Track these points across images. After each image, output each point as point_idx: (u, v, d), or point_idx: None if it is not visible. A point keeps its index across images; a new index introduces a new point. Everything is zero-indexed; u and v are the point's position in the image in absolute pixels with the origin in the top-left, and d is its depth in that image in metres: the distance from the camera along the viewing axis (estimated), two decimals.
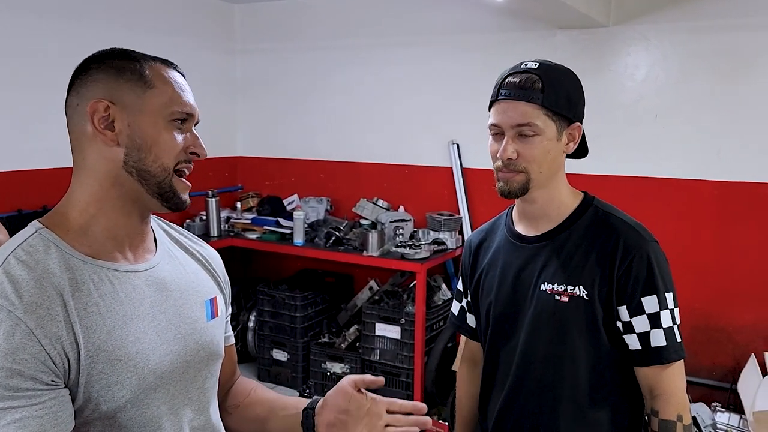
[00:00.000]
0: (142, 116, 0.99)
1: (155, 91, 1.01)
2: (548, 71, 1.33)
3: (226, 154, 4.64)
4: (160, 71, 1.03)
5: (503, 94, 1.33)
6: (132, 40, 3.90)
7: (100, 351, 0.92)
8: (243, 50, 4.58)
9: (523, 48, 3.56)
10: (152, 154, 1.00)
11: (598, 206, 1.39)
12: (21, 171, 3.30)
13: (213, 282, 1.18)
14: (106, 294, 0.96)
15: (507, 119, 1.31)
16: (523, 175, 1.32)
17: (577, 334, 1.33)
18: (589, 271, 1.32)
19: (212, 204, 3.99)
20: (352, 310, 4.05)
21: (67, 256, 0.95)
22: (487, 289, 1.48)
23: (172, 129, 1.02)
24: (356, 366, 3.81)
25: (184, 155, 1.03)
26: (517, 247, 1.44)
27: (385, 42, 4.06)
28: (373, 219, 3.98)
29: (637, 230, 1.34)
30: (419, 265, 3.49)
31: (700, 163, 3.28)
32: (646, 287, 1.29)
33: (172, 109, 1.01)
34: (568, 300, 1.33)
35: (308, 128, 4.41)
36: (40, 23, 3.28)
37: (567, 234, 1.37)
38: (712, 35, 3.17)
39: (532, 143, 1.30)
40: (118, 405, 0.95)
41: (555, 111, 1.30)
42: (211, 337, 1.12)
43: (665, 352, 1.29)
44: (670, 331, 1.29)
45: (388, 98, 4.09)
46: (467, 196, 3.87)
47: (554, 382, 1.36)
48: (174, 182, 1.02)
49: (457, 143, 3.87)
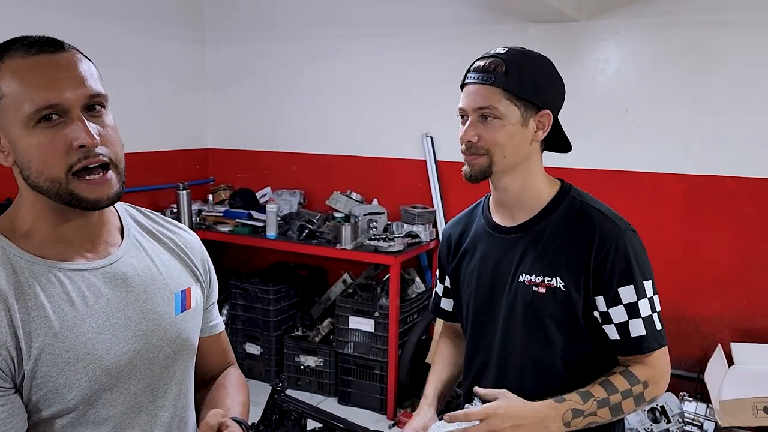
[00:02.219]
0: (10, 131, 0.91)
1: (6, 101, 0.90)
2: (515, 56, 1.32)
3: (197, 146, 4.57)
4: (12, 68, 0.90)
5: (469, 78, 1.35)
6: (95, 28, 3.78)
7: (43, 354, 0.90)
8: (213, 40, 4.51)
9: (496, 41, 3.51)
10: (33, 171, 0.91)
11: (574, 196, 1.38)
12: None
13: (187, 272, 1.14)
14: (55, 295, 0.94)
15: (470, 102, 1.33)
16: (486, 158, 1.32)
17: (554, 324, 1.33)
18: (565, 261, 1.32)
19: (183, 196, 3.93)
20: (326, 304, 4.04)
21: (14, 259, 0.93)
22: (467, 279, 1.48)
23: (42, 133, 0.89)
24: (330, 359, 3.80)
25: (75, 154, 0.90)
26: (494, 237, 1.43)
27: (357, 33, 4.03)
28: (347, 212, 3.97)
29: (612, 220, 1.33)
30: (393, 258, 3.49)
31: (669, 156, 3.33)
32: (622, 278, 1.28)
33: (25, 113, 0.88)
34: (545, 291, 1.32)
35: (281, 120, 4.37)
36: (5, 10, 3.19)
37: (544, 224, 1.36)
38: (680, 30, 3.22)
39: (493, 126, 1.30)
40: (68, 406, 0.93)
41: (518, 95, 1.29)
42: (179, 331, 1.09)
43: (645, 341, 1.29)
44: (649, 319, 1.29)
45: (361, 90, 4.07)
46: (441, 189, 3.87)
47: (534, 373, 1.36)
48: (73, 188, 0.91)
49: (431, 136, 3.87)
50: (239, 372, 1.29)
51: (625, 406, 1.28)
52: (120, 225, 1.08)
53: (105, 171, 0.94)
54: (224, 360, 1.28)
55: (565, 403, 1.25)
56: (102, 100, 0.95)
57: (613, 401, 1.27)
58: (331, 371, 3.83)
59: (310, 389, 3.89)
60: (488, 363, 1.43)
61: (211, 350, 1.23)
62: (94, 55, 1.05)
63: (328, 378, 3.84)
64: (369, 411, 3.66)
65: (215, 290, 1.24)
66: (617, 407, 1.27)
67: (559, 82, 1.38)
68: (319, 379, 3.87)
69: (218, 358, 1.26)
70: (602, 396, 1.26)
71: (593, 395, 1.26)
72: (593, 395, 1.26)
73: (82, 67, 0.93)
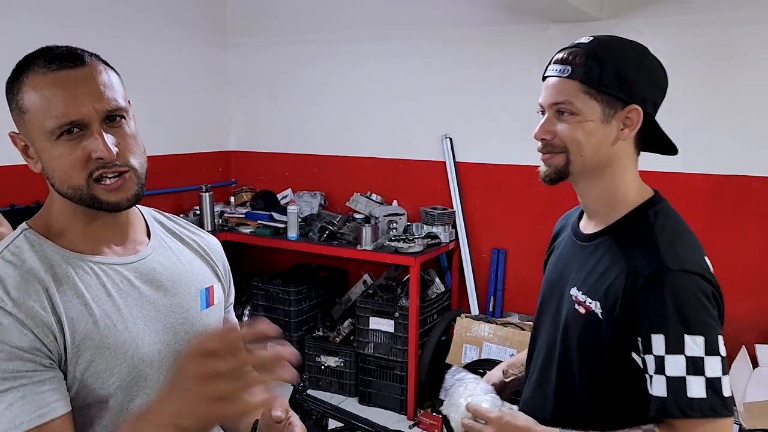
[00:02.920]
0: (35, 143, 0.98)
1: (29, 116, 0.95)
2: (598, 45, 1.17)
3: (219, 148, 4.63)
4: (34, 84, 0.94)
5: (549, 70, 1.22)
6: (121, 36, 3.85)
7: (87, 339, 0.95)
8: (235, 44, 4.56)
9: (515, 42, 3.57)
10: (57, 179, 0.98)
11: (650, 214, 1.20)
12: (13, 166, 3.28)
13: (210, 271, 1.19)
14: (92, 285, 0.99)
15: (546, 97, 1.21)
16: (563, 156, 1.19)
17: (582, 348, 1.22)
18: (608, 288, 1.16)
19: (206, 198, 3.98)
20: (346, 304, 4.06)
21: (51, 254, 0.98)
22: (546, 273, 1.43)
23: (64, 145, 0.94)
24: (350, 359, 3.82)
25: (93, 164, 0.95)
26: (572, 241, 1.34)
27: (378, 35, 4.05)
28: (367, 213, 3.99)
29: (662, 254, 1.12)
30: (413, 259, 3.50)
31: (692, 156, 3.29)
32: (654, 323, 1.09)
33: (47, 126, 0.93)
34: (584, 312, 1.20)
35: (301, 122, 4.41)
36: (31, 20, 3.26)
37: (608, 239, 1.22)
38: (703, 29, 3.19)
39: (570, 123, 1.17)
40: (108, 392, 0.98)
41: (598, 89, 1.15)
42: (205, 326, 1.13)
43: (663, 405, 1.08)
44: (678, 382, 1.06)
45: (381, 92, 4.09)
46: (460, 190, 3.88)
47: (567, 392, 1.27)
48: (94, 192, 0.97)
49: (450, 137, 3.87)
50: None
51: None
52: (146, 227, 1.14)
53: (123, 175, 0.98)
54: None
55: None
56: (121, 111, 0.98)
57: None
58: (351, 371, 3.85)
59: (330, 389, 3.91)
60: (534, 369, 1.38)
61: None
62: (119, 61, 1.09)
63: (348, 378, 3.86)
64: (389, 411, 3.68)
65: (233, 292, 1.29)
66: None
67: (653, 72, 1.21)
68: (339, 379, 3.89)
69: None
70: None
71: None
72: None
73: (101, 80, 0.96)
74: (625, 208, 1.22)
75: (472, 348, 3.51)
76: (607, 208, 1.23)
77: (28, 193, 3.28)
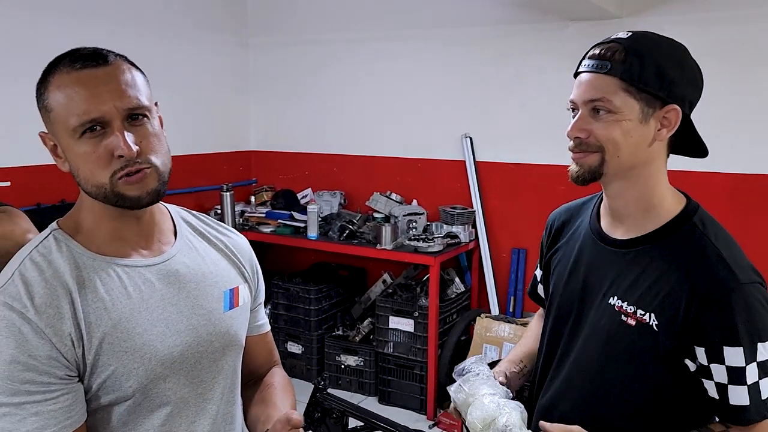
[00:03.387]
0: (61, 142, 1.00)
1: (54, 114, 0.97)
2: (638, 41, 1.13)
3: (240, 148, 4.67)
4: (59, 83, 0.96)
5: (583, 66, 1.17)
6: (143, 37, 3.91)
7: (104, 343, 0.97)
8: (255, 44, 4.60)
9: (535, 40, 3.55)
10: (82, 177, 0.99)
11: (696, 223, 1.17)
12: (39, 165, 3.34)
13: (236, 271, 1.19)
14: (114, 289, 1.00)
15: (581, 93, 1.15)
16: (597, 156, 1.14)
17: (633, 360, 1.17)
18: (664, 298, 1.13)
19: (227, 198, 4.02)
20: (366, 303, 4.07)
21: (77, 255, 1.00)
22: (555, 275, 1.36)
23: (86, 143, 0.96)
24: (370, 359, 3.83)
25: (116, 163, 0.96)
26: (595, 244, 1.26)
27: (397, 34, 4.06)
28: (387, 212, 4.00)
29: (731, 267, 1.10)
30: (432, 259, 3.50)
31: (712, 155, 3.22)
32: (729, 336, 1.07)
33: (71, 125, 0.95)
34: (635, 324, 1.15)
35: (321, 122, 4.43)
36: (50, 19, 3.32)
37: (652, 248, 1.17)
38: (724, 26, 3.15)
39: (606, 122, 1.12)
40: (126, 394, 0.99)
41: (638, 87, 1.10)
42: (228, 327, 1.13)
43: (746, 412, 1.08)
44: (755, 387, 1.08)
45: (401, 91, 4.10)
46: (480, 190, 3.87)
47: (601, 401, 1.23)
48: (118, 189, 0.98)
49: (470, 136, 3.87)
50: (284, 372, 1.33)
51: None
52: (173, 227, 1.14)
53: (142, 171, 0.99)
54: (270, 359, 1.32)
55: None
56: (143, 110, 0.99)
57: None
58: (371, 371, 3.86)
59: (350, 388, 3.93)
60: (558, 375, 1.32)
61: (257, 349, 1.28)
62: (142, 62, 1.10)
63: (368, 377, 3.87)
64: (409, 411, 3.68)
65: (262, 291, 1.28)
66: None
67: (692, 71, 1.17)
68: (359, 378, 3.91)
69: (264, 357, 1.30)
70: None
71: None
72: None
73: (124, 78, 0.98)
74: (664, 213, 1.18)
75: (492, 348, 3.50)
76: (643, 212, 1.19)
77: (54, 192, 3.35)
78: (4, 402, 0.90)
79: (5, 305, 0.92)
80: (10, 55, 3.16)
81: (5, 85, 3.17)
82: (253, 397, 1.24)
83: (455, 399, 1.30)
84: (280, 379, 1.28)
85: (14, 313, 0.91)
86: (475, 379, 1.29)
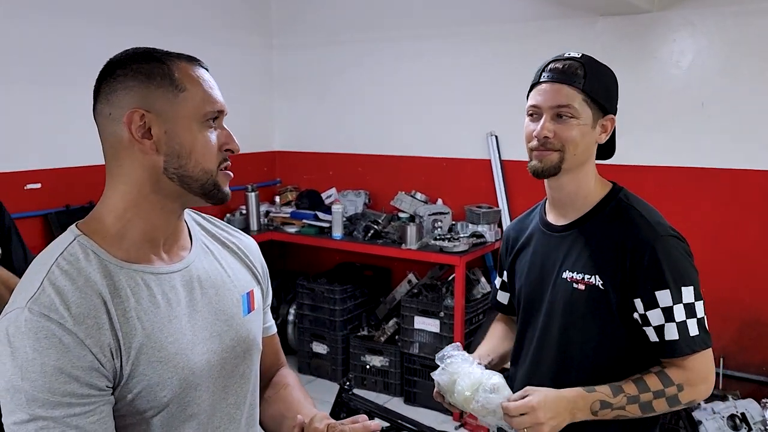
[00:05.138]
0: (177, 122, 0.98)
1: (186, 95, 0.99)
2: (590, 61, 1.40)
3: (265, 148, 4.68)
4: (188, 71, 1.01)
5: (545, 77, 1.39)
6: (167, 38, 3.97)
7: (140, 354, 0.95)
8: (280, 45, 4.61)
9: (563, 36, 3.50)
10: (192, 160, 0.99)
11: (622, 198, 1.43)
12: (68, 168, 3.39)
13: (250, 274, 1.18)
14: (143, 298, 0.97)
15: (547, 100, 1.37)
16: (558, 154, 1.37)
17: (591, 320, 1.39)
18: (606, 261, 1.37)
19: (252, 198, 4.04)
20: (391, 304, 4.06)
21: (105, 263, 0.96)
22: (519, 273, 1.57)
23: (207, 130, 1.01)
24: (395, 359, 3.81)
25: (222, 154, 1.03)
26: (545, 234, 1.50)
27: (422, 33, 4.03)
28: (412, 212, 3.97)
29: (651, 224, 1.36)
30: (458, 258, 3.47)
31: (747, 152, 3.17)
32: (658, 281, 1.32)
33: (205, 110, 1.00)
34: (584, 288, 1.38)
35: (345, 122, 4.42)
36: (79, 23, 3.36)
37: (590, 224, 1.42)
38: (760, 19, 3.06)
39: (569, 124, 1.35)
40: (161, 404, 0.97)
41: (593, 98, 1.36)
42: (248, 331, 1.13)
43: (677, 345, 1.32)
44: (683, 325, 1.31)
45: (425, 90, 4.07)
46: (506, 188, 3.82)
47: (567, 366, 1.43)
48: (218, 180, 1.02)
49: (495, 135, 3.82)
50: (293, 372, 1.34)
51: (656, 405, 1.32)
52: (188, 231, 1.13)
53: None
54: (277, 360, 1.32)
55: (595, 394, 1.31)
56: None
57: (644, 399, 1.31)
58: (396, 371, 3.84)
59: (375, 389, 3.91)
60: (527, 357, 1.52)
61: (267, 351, 1.27)
62: None
63: (393, 378, 3.85)
64: (435, 411, 3.65)
65: (270, 293, 1.28)
66: (647, 405, 1.32)
67: (618, 90, 1.44)
68: (384, 378, 3.89)
69: (272, 359, 1.30)
70: (633, 393, 1.31)
71: (624, 391, 1.31)
72: (624, 391, 1.31)
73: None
74: (596, 197, 1.43)
75: None
76: (581, 200, 1.43)
77: (83, 194, 3.39)
78: (43, 416, 0.86)
79: (42, 316, 0.88)
80: (41, 61, 3.21)
81: (35, 90, 3.21)
82: (268, 396, 1.24)
83: (439, 381, 1.43)
84: (293, 379, 1.29)
85: (52, 323, 0.88)
86: (456, 360, 1.42)
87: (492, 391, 1.32)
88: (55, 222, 3.29)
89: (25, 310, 0.88)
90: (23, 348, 0.87)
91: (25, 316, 0.88)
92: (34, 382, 0.86)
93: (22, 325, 0.88)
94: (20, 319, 0.88)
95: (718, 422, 2.76)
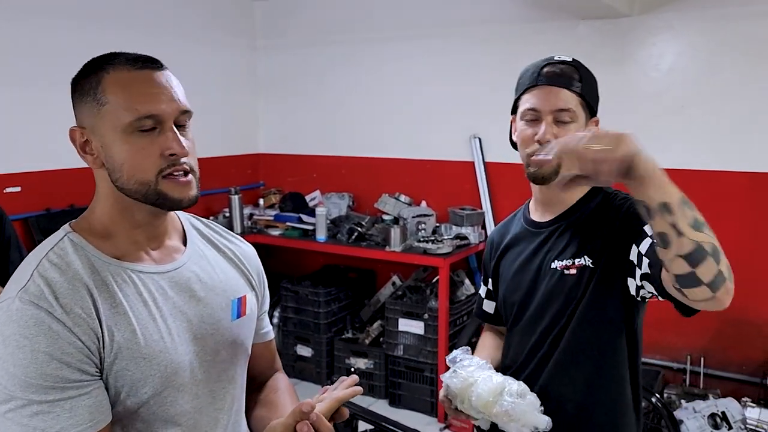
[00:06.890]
0: (105, 135, 0.99)
1: (108, 107, 0.97)
2: (582, 65, 1.42)
3: (248, 151, 4.66)
4: (119, 80, 0.98)
5: (542, 80, 1.39)
6: (152, 40, 3.90)
7: (123, 348, 0.96)
8: (264, 47, 4.59)
9: (545, 39, 3.52)
10: (124, 173, 0.99)
11: (608, 190, 1.44)
12: (49, 171, 3.35)
13: (243, 280, 1.19)
14: (130, 294, 1.00)
15: (547, 104, 1.36)
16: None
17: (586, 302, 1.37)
18: (593, 242, 1.37)
19: (235, 201, 4.02)
20: (375, 306, 4.06)
21: (93, 259, 0.99)
22: (504, 275, 1.56)
23: (138, 140, 0.97)
24: (380, 361, 3.81)
25: (164, 161, 0.99)
26: (532, 233, 1.51)
27: (405, 35, 4.04)
28: (395, 214, 3.98)
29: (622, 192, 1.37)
30: (442, 260, 3.48)
31: (729, 154, 3.21)
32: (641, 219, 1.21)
33: (126, 120, 0.97)
34: (575, 271, 1.38)
35: (330, 124, 4.42)
36: (63, 23, 3.32)
37: (577, 215, 1.43)
38: (740, 22, 3.11)
39: (569, 129, 1.35)
40: (141, 400, 0.98)
41: (587, 101, 1.39)
42: (235, 336, 1.13)
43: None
44: None
45: (409, 93, 4.08)
46: (490, 190, 3.84)
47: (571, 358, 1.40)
48: (162, 188, 0.99)
49: (479, 137, 3.84)
50: (287, 378, 1.34)
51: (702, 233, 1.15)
52: (183, 233, 1.14)
53: (187, 175, 1.02)
54: (272, 366, 1.33)
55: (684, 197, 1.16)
56: (189, 116, 1.04)
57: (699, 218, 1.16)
58: (381, 373, 3.84)
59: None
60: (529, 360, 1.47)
61: (262, 356, 1.28)
62: None
63: (378, 380, 3.85)
64: (420, 414, 3.66)
65: (267, 300, 1.29)
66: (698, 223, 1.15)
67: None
68: (369, 381, 3.88)
69: (267, 364, 1.31)
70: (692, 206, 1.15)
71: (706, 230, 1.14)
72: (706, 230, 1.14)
73: (175, 83, 1.03)
74: (576, 195, 1.44)
75: None
76: (567, 195, 1.44)
77: (63, 197, 3.35)
78: (36, 400, 0.88)
79: (31, 304, 0.91)
80: (21, 62, 3.17)
81: (15, 92, 3.17)
82: (258, 399, 1.25)
83: (450, 385, 1.38)
84: (284, 384, 1.30)
85: (41, 311, 0.90)
86: (470, 365, 1.39)
87: (518, 395, 1.28)
88: (35, 225, 3.25)
89: (16, 299, 0.92)
90: (13, 335, 0.89)
91: (16, 305, 0.91)
92: (26, 368, 0.88)
93: (13, 313, 0.90)
94: (11, 308, 0.91)
95: (699, 421, 2.80)
